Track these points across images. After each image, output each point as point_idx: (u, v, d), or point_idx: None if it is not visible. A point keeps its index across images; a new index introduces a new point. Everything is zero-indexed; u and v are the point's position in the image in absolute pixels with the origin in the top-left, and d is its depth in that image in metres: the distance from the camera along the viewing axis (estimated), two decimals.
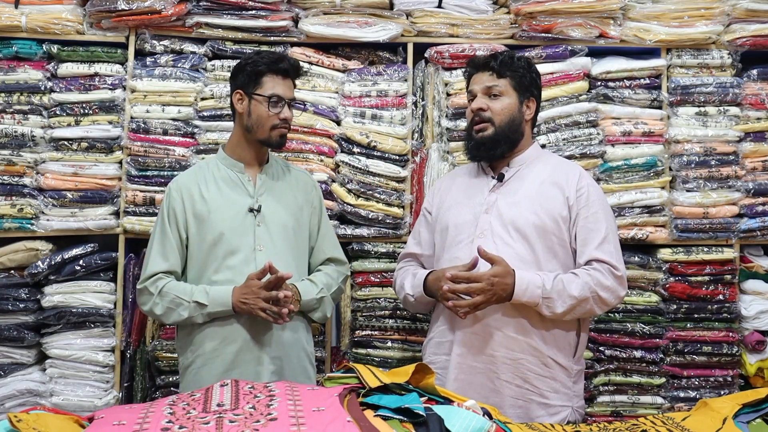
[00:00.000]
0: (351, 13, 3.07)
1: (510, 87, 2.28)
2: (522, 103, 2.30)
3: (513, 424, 1.66)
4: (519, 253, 2.17)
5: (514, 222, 2.20)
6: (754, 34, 3.10)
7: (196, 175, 2.41)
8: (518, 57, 2.34)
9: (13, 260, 2.92)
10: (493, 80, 2.29)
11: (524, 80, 2.30)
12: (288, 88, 2.39)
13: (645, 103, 3.11)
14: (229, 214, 2.33)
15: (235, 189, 2.37)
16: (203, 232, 2.33)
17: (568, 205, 2.22)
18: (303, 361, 2.41)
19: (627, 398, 3.03)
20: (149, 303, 2.32)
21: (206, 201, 2.34)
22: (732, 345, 3.03)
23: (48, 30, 2.97)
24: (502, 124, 2.26)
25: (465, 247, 2.22)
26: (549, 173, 2.28)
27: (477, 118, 2.28)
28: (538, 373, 2.16)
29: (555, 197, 2.23)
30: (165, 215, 2.36)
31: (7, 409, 2.84)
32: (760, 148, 3.09)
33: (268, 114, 2.34)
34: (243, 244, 2.32)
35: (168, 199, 2.37)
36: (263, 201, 2.37)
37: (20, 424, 1.45)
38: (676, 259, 3.04)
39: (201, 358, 2.31)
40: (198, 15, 3.01)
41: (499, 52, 2.36)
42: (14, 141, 2.95)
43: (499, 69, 2.28)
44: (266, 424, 1.45)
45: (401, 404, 1.56)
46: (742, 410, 1.72)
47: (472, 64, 2.37)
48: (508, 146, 2.29)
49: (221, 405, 1.56)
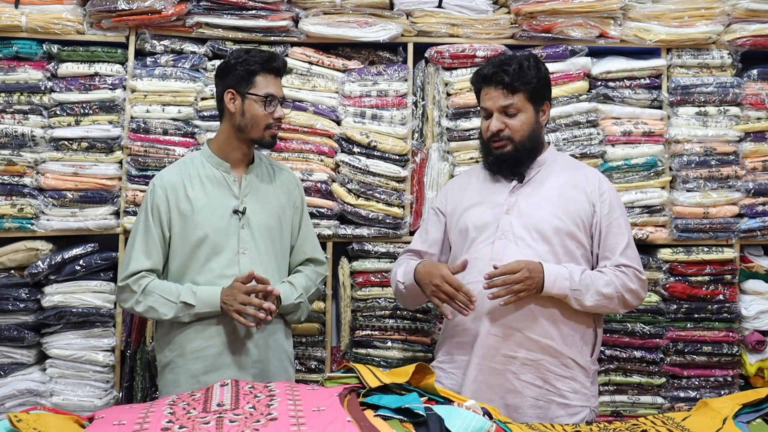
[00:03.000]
0: (351, 13, 3.07)
1: (525, 101, 2.22)
2: (538, 113, 2.26)
3: (513, 424, 1.66)
4: (540, 254, 2.16)
5: (536, 224, 2.19)
6: (754, 34, 3.10)
7: (180, 171, 2.38)
8: (527, 63, 2.23)
9: (13, 260, 2.92)
10: (508, 98, 2.21)
11: (538, 89, 2.24)
12: (279, 86, 2.39)
13: (645, 103, 3.11)
14: (214, 215, 2.32)
15: (221, 189, 2.35)
16: (187, 232, 2.31)
17: (592, 210, 2.22)
18: (284, 362, 2.42)
19: (627, 398, 3.03)
20: (130, 301, 2.31)
21: (191, 200, 2.32)
22: (732, 345, 3.03)
23: (48, 30, 2.97)
24: (523, 139, 2.23)
25: (486, 248, 2.20)
26: (569, 176, 2.27)
27: (495, 138, 2.24)
28: (558, 374, 2.15)
29: (578, 200, 2.22)
30: (148, 211, 2.33)
31: (7, 409, 2.84)
32: (760, 148, 3.10)
33: (263, 113, 2.33)
34: (227, 246, 2.31)
35: (152, 195, 2.34)
36: (248, 202, 2.36)
37: (20, 424, 1.45)
38: (676, 259, 3.04)
39: (181, 358, 2.31)
40: (198, 15, 3.01)
41: (507, 62, 2.23)
42: (14, 141, 2.95)
43: (512, 84, 2.20)
44: (266, 424, 1.45)
45: (401, 404, 1.56)
46: (742, 410, 1.72)
47: (481, 78, 2.27)
48: (531, 158, 2.27)
49: (221, 405, 1.56)
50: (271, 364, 2.36)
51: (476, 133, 3.05)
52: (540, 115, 2.27)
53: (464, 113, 3.07)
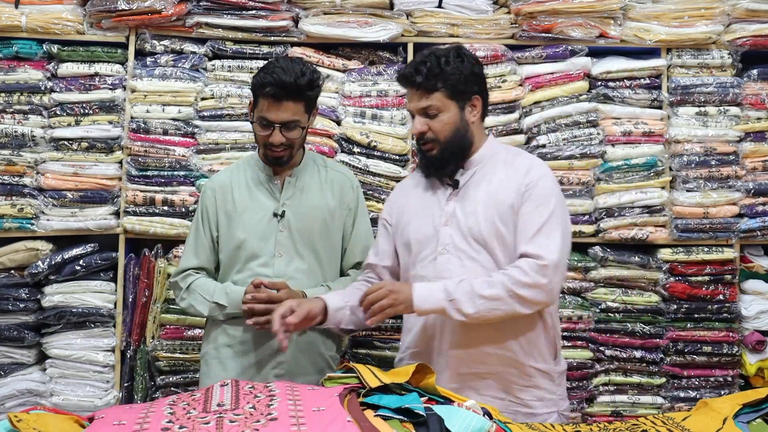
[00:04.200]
0: (351, 13, 3.07)
1: (445, 99, 2.07)
2: (463, 110, 2.11)
3: (513, 424, 1.66)
4: (485, 265, 2.05)
5: (475, 234, 2.07)
6: (754, 34, 3.10)
7: (231, 175, 2.43)
8: (445, 59, 2.07)
9: (14, 260, 2.92)
10: (425, 99, 2.07)
11: (459, 84, 2.08)
12: (280, 110, 2.23)
13: (645, 103, 3.11)
14: (254, 218, 2.35)
15: (263, 192, 2.37)
16: (230, 233, 2.36)
17: (516, 205, 2.07)
18: (319, 365, 2.38)
19: (627, 398, 3.03)
20: (178, 297, 2.43)
21: (236, 202, 2.37)
22: (732, 345, 3.03)
23: (48, 30, 2.97)
24: (447, 140, 2.09)
25: (429, 264, 2.11)
26: (505, 173, 2.12)
27: (421, 141, 2.13)
28: (521, 385, 2.08)
29: (511, 200, 2.07)
30: (199, 213, 2.43)
31: (7, 409, 2.84)
32: (760, 148, 3.09)
33: (261, 135, 2.29)
34: (264, 249, 2.33)
35: (203, 197, 2.43)
36: (289, 205, 2.35)
37: (20, 424, 1.45)
38: (676, 259, 3.04)
39: (214, 351, 2.38)
40: (198, 15, 3.01)
41: (423, 61, 2.08)
42: (14, 141, 2.95)
43: (427, 84, 2.06)
44: (266, 424, 1.45)
45: (401, 404, 1.56)
46: (742, 410, 1.72)
47: (400, 79, 2.17)
48: (459, 158, 2.13)
49: (221, 405, 1.56)
50: (302, 367, 2.34)
51: None
52: (468, 111, 2.11)
53: None
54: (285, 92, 2.21)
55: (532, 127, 3.07)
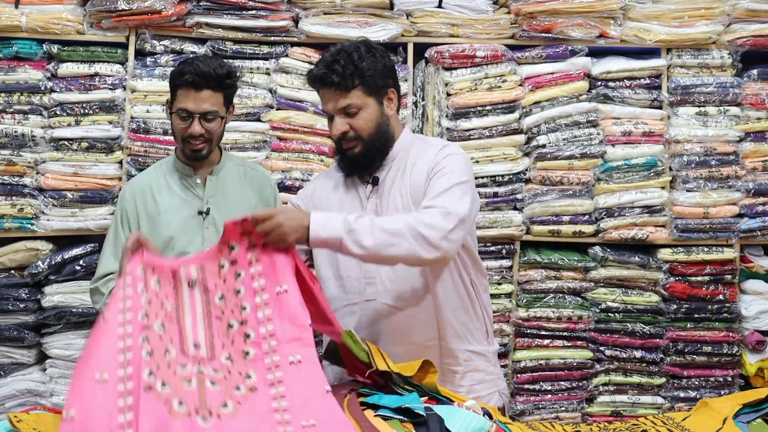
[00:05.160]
0: (351, 13, 3.07)
1: (364, 95, 2.00)
2: (382, 104, 2.04)
3: (513, 424, 1.66)
4: None
5: None
6: (754, 34, 3.10)
7: (149, 177, 2.43)
8: (358, 54, 2.00)
9: (14, 260, 2.92)
10: (344, 98, 1.99)
11: (375, 79, 2.01)
12: (200, 100, 2.23)
13: (645, 103, 3.11)
14: (179, 217, 2.34)
15: (185, 192, 2.37)
16: (154, 233, 2.31)
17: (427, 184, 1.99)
18: None
19: (627, 398, 3.03)
20: (100, 302, 2.32)
21: (158, 203, 2.36)
22: (732, 345, 3.03)
23: (48, 30, 2.97)
24: (371, 137, 2.02)
25: (355, 265, 2.03)
26: (420, 163, 2.05)
27: (343, 140, 2.05)
28: (461, 372, 2.06)
29: (421, 183, 2.01)
30: (118, 217, 2.39)
31: (7, 409, 2.84)
32: (760, 148, 3.10)
33: (179, 127, 2.28)
34: (191, 246, 2.32)
35: (121, 201, 2.40)
36: (213, 203, 2.37)
37: (20, 424, 1.45)
38: (676, 259, 3.04)
39: None
40: (198, 15, 3.01)
41: (336, 59, 1.99)
42: (14, 141, 2.95)
43: (344, 83, 1.98)
44: (247, 396, 1.48)
45: (401, 404, 1.56)
46: (742, 410, 1.72)
47: (313, 80, 2.06)
48: (384, 153, 2.07)
49: (197, 346, 1.56)
50: None
51: (476, 133, 3.05)
52: (386, 105, 2.05)
53: (464, 113, 3.07)
54: (204, 80, 2.22)
55: (532, 127, 3.07)
